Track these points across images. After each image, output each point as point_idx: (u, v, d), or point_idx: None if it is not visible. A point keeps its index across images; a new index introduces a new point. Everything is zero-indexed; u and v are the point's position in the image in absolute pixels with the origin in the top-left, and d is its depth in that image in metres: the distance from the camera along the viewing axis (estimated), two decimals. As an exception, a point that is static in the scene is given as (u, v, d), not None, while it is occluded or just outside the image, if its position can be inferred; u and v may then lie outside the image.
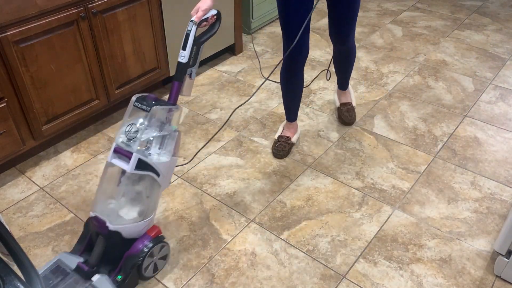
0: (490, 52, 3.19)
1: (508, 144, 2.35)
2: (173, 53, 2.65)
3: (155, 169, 1.54)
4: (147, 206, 1.61)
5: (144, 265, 1.62)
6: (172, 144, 1.58)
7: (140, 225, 1.59)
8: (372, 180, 2.13)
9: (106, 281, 1.53)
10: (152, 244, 1.62)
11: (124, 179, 1.57)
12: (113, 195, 1.60)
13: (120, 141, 1.55)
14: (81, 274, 1.56)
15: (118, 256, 1.61)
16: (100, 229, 1.57)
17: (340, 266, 1.74)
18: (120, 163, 1.53)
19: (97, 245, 1.59)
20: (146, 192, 1.60)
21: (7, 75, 1.92)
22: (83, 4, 2.06)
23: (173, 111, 1.58)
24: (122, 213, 1.59)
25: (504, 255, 1.64)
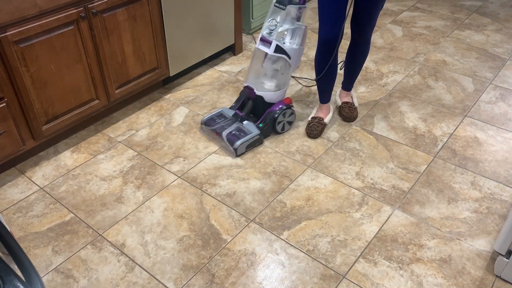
0: (490, 52, 3.19)
1: (508, 144, 2.35)
2: (173, 53, 2.65)
3: (287, 53, 2.20)
4: (281, 80, 2.32)
5: (278, 120, 2.33)
6: (300, 36, 2.21)
7: (277, 93, 2.32)
8: (372, 180, 2.13)
9: (252, 124, 2.33)
10: (285, 107, 2.33)
11: (266, 60, 2.27)
12: (259, 71, 2.33)
13: (265, 32, 2.22)
14: (237, 117, 2.38)
15: (262, 112, 2.35)
16: (250, 94, 2.34)
17: (340, 266, 1.74)
18: (264, 48, 2.22)
19: (248, 104, 2.37)
20: (281, 70, 2.29)
21: (7, 75, 1.92)
22: (83, 4, 2.06)
23: (302, 9, 2.17)
24: (265, 84, 2.33)
25: (504, 255, 1.64)
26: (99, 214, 1.96)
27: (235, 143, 2.21)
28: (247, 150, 2.27)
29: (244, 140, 2.22)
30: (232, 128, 2.29)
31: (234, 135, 2.25)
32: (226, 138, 2.25)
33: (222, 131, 2.28)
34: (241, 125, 2.31)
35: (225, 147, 2.27)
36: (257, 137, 2.28)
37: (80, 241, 1.85)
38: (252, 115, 2.41)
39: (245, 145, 2.24)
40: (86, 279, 1.70)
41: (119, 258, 1.78)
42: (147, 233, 1.88)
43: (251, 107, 2.36)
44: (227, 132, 2.26)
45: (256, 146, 2.30)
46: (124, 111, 2.61)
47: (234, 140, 2.23)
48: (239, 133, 2.26)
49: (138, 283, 1.68)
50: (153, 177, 2.15)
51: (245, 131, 2.28)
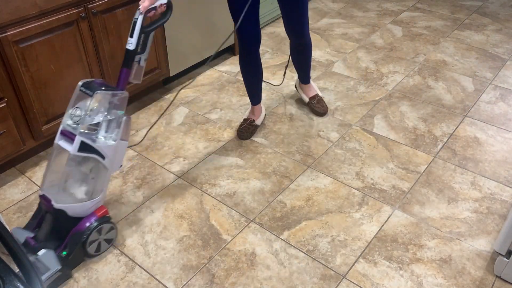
0: (490, 52, 3.19)
1: (508, 144, 2.35)
2: (173, 53, 2.65)
3: (99, 152, 1.62)
4: (93, 187, 1.68)
5: (89, 242, 1.70)
6: (120, 128, 1.66)
7: (86, 204, 1.68)
8: (372, 180, 2.13)
9: (51, 255, 1.64)
10: (98, 223, 1.70)
11: (68, 160, 1.63)
12: (60, 175, 1.67)
13: (67, 124, 1.62)
14: (28, 248, 1.65)
15: (65, 233, 1.69)
16: (47, 207, 1.65)
17: (340, 266, 1.74)
18: (65, 145, 1.61)
19: (45, 222, 1.68)
20: (92, 173, 1.67)
21: (7, 75, 1.92)
22: (83, 4, 2.06)
23: (118, 96, 1.64)
24: (68, 192, 1.67)
25: (504, 255, 1.64)
26: (99, 214, 1.96)
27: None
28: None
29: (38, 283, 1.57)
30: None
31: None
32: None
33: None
34: (35, 258, 1.63)
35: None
36: (59, 273, 1.63)
37: (80, 241, 1.84)
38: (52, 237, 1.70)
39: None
40: (86, 279, 1.70)
41: (119, 258, 1.78)
42: (147, 233, 1.88)
43: (49, 226, 1.68)
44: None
45: (60, 284, 1.68)
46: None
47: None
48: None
49: (138, 283, 1.68)
50: (153, 177, 2.15)
51: (40, 268, 1.62)
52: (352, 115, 2.56)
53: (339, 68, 3.02)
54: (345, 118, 2.54)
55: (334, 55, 3.17)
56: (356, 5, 3.97)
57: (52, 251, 1.66)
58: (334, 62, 3.08)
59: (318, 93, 2.62)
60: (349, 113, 2.58)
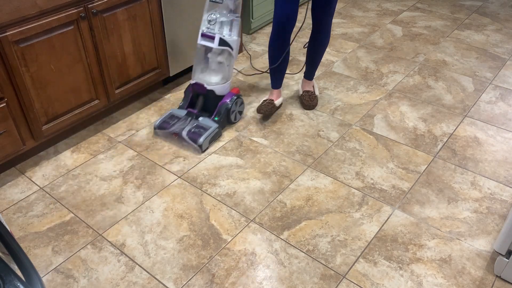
0: (490, 52, 3.19)
1: (508, 144, 2.35)
2: (173, 53, 2.65)
3: (230, 45, 2.30)
4: (227, 72, 2.38)
5: (232, 110, 2.40)
6: (238, 27, 2.31)
7: (225, 85, 2.39)
8: (372, 180, 2.13)
9: (208, 119, 2.36)
10: (236, 96, 2.41)
11: (211, 54, 2.33)
12: (205, 66, 2.39)
13: (204, 28, 2.31)
14: (191, 115, 2.39)
15: (214, 106, 2.41)
16: (201, 90, 2.37)
17: (340, 266, 1.74)
18: (207, 43, 2.30)
19: (199, 100, 2.41)
20: (226, 62, 2.36)
21: (7, 75, 1.92)
22: (83, 4, 2.06)
23: (238, 1, 2.25)
24: (213, 78, 2.38)
25: (504, 255, 1.64)
26: (99, 214, 1.96)
27: (198, 140, 2.24)
28: (210, 144, 2.32)
29: (206, 135, 2.26)
30: (190, 126, 2.31)
31: (194, 133, 2.28)
32: (188, 137, 2.27)
33: (180, 132, 2.30)
34: (198, 121, 2.35)
35: (188, 146, 2.30)
36: (217, 130, 2.33)
37: (80, 241, 1.85)
38: (203, 110, 2.44)
39: (208, 140, 2.28)
40: (86, 279, 1.70)
41: (119, 258, 1.78)
42: (147, 233, 1.88)
43: (202, 103, 2.40)
44: (187, 131, 2.29)
45: (217, 139, 2.36)
46: (124, 111, 2.61)
47: (196, 137, 2.26)
48: (198, 130, 2.29)
49: (138, 283, 1.68)
50: (153, 177, 2.15)
51: (203, 126, 2.32)
52: (352, 115, 2.56)
53: (339, 68, 3.02)
54: (345, 118, 2.54)
55: (334, 55, 3.17)
56: (356, 5, 3.97)
57: (207, 117, 2.38)
58: (334, 62, 3.08)
59: (315, 91, 2.67)
60: (349, 113, 2.58)
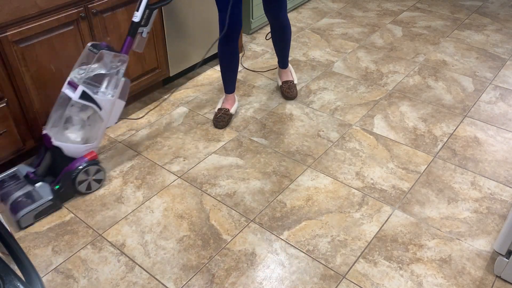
0: (490, 52, 3.19)
1: (508, 144, 2.35)
2: (173, 53, 2.65)
3: (97, 103, 1.91)
4: (88, 133, 1.99)
5: (78, 181, 1.98)
6: (117, 87, 1.96)
7: (80, 147, 1.98)
8: (372, 180, 2.13)
9: (46, 187, 1.96)
10: (86, 164, 1.98)
11: (70, 106, 1.93)
12: (62, 118, 1.96)
13: (74, 76, 1.93)
14: (28, 180, 1.98)
15: (60, 170, 1.97)
16: (47, 144, 1.96)
17: (340, 266, 1.74)
18: (69, 92, 1.90)
19: (45, 159, 1.99)
20: (88, 121, 1.98)
21: (7, 75, 1.92)
22: (83, 4, 2.06)
23: (119, 57, 1.94)
24: (67, 134, 1.98)
25: (504, 255, 1.64)
26: (99, 214, 1.96)
27: (18, 214, 1.85)
28: (37, 220, 1.92)
29: (29, 209, 1.86)
30: (20, 192, 1.92)
31: (19, 202, 1.88)
32: (10, 206, 1.88)
33: (8, 197, 1.91)
34: (33, 188, 1.94)
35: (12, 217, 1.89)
36: (50, 203, 1.92)
37: (80, 241, 1.85)
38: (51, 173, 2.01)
39: (32, 215, 1.88)
40: (86, 279, 1.70)
41: (119, 258, 1.78)
42: (147, 233, 1.88)
43: (48, 163, 1.99)
44: (13, 199, 1.89)
45: (51, 212, 1.95)
46: (124, 111, 2.61)
47: (17, 210, 1.86)
48: (26, 199, 1.89)
49: (138, 283, 1.68)
50: (153, 177, 2.15)
51: (33, 196, 1.91)
52: (352, 115, 2.56)
53: (339, 68, 3.02)
54: (345, 118, 2.54)
55: (334, 55, 3.17)
56: (356, 5, 3.97)
57: (47, 184, 1.97)
58: (334, 62, 3.08)
59: (293, 79, 2.72)
60: (349, 113, 2.58)
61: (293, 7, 3.84)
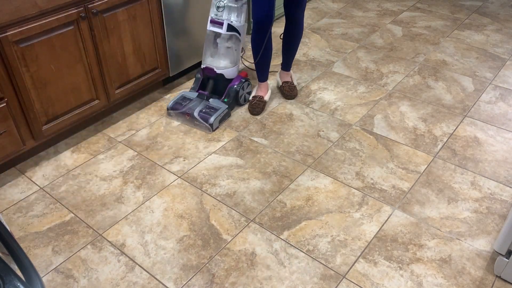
0: (490, 52, 3.19)
1: (508, 144, 2.35)
2: (173, 53, 2.65)
3: (238, 30, 2.41)
4: (235, 57, 2.50)
5: (240, 94, 2.56)
6: (245, 13, 2.40)
7: (234, 69, 2.52)
8: (372, 180, 2.13)
9: (218, 100, 2.52)
10: (244, 79, 2.57)
11: (220, 39, 2.45)
12: (214, 51, 2.51)
13: (213, 15, 2.40)
14: (202, 97, 2.54)
15: (223, 89, 2.56)
16: (211, 73, 2.51)
17: (340, 266, 1.74)
18: (216, 29, 2.40)
19: (209, 84, 2.55)
20: (234, 46, 2.47)
21: (7, 75, 1.92)
22: (83, 4, 2.06)
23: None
24: (222, 62, 2.51)
25: (504, 255, 1.64)
26: (99, 214, 1.96)
27: (209, 120, 2.39)
28: (220, 124, 2.47)
29: (216, 115, 2.41)
30: (201, 107, 2.45)
31: (205, 113, 2.42)
32: (199, 116, 2.41)
33: (192, 112, 2.43)
34: (208, 103, 2.49)
35: (199, 125, 2.42)
36: (226, 110, 2.48)
37: (80, 241, 1.85)
38: (214, 93, 2.58)
39: (218, 120, 2.43)
40: (86, 279, 1.70)
41: (119, 258, 1.78)
42: (147, 233, 1.88)
43: (212, 86, 2.54)
44: (198, 111, 2.43)
45: (226, 119, 2.51)
46: (124, 111, 2.61)
47: (207, 117, 2.40)
48: (209, 110, 2.44)
49: (138, 283, 1.69)
50: (153, 177, 2.15)
51: (214, 107, 2.46)
52: (352, 115, 2.56)
53: (339, 68, 3.02)
54: (345, 118, 2.54)
55: (334, 55, 3.17)
56: (356, 5, 3.97)
57: (217, 99, 2.53)
58: (334, 62, 3.08)
59: (294, 82, 2.77)
60: (349, 113, 2.58)
61: (293, 7, 3.83)
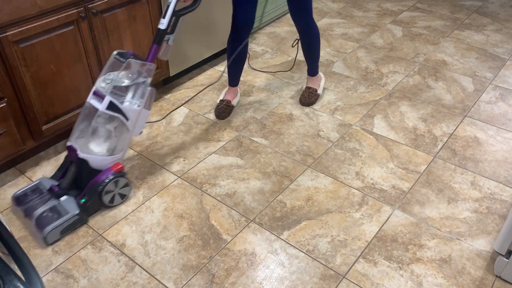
0: (490, 52, 3.19)
1: (508, 144, 2.35)
2: (173, 53, 2.65)
3: (124, 113, 1.84)
4: (114, 144, 1.92)
5: (105, 193, 1.91)
6: (144, 96, 1.88)
7: (107, 159, 1.90)
8: (372, 180, 2.13)
9: (72, 201, 1.88)
10: (113, 176, 1.90)
11: (98, 117, 1.85)
12: (87, 129, 1.90)
13: (100, 86, 1.85)
14: (53, 194, 1.90)
15: (85, 183, 1.90)
16: (72, 156, 1.88)
17: (340, 266, 1.74)
18: (95, 103, 1.83)
19: (69, 171, 1.91)
20: (115, 132, 1.90)
21: (7, 75, 1.92)
22: (83, 4, 2.06)
23: (146, 66, 1.87)
24: (92, 146, 1.90)
25: (504, 255, 1.64)
26: (99, 214, 1.96)
27: (44, 230, 1.77)
28: (63, 235, 1.85)
29: (56, 224, 1.79)
30: (45, 206, 1.85)
31: (45, 217, 1.81)
32: (35, 222, 1.80)
33: (32, 212, 1.84)
34: (58, 202, 1.87)
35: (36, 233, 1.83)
36: (76, 218, 1.84)
37: (80, 241, 1.85)
38: (75, 186, 1.94)
39: (59, 230, 1.81)
40: (86, 279, 1.70)
41: (119, 258, 1.78)
42: (147, 233, 1.88)
43: (73, 175, 1.91)
44: (38, 214, 1.82)
45: (77, 227, 1.89)
46: (124, 111, 2.61)
47: (43, 225, 1.78)
48: (52, 214, 1.82)
49: (138, 283, 1.69)
50: (153, 177, 2.15)
51: (59, 211, 1.84)
52: (352, 115, 2.56)
53: (339, 68, 3.02)
54: (345, 118, 2.54)
55: (334, 55, 3.17)
56: (356, 5, 3.97)
57: (72, 198, 1.90)
58: (334, 62, 3.08)
59: (318, 89, 2.68)
60: (349, 113, 2.58)
61: (293, 7, 3.84)
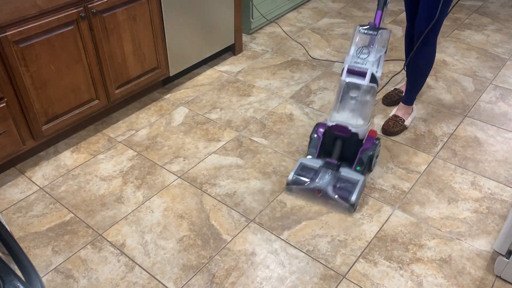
0: (490, 52, 3.19)
1: (508, 144, 2.35)
2: (173, 53, 2.65)
3: (377, 81, 1.96)
4: (370, 112, 2.03)
5: (375, 158, 2.10)
6: (381, 62, 1.99)
7: (367, 128, 2.03)
8: (372, 180, 2.13)
9: (350, 170, 2.01)
10: (378, 141, 2.09)
11: (358, 93, 1.98)
12: (347, 106, 2.03)
13: (352, 62, 1.96)
14: (331, 166, 2.00)
15: (353, 153, 2.04)
16: (343, 133, 2.00)
17: (340, 266, 1.74)
18: (357, 80, 1.94)
19: (336, 147, 2.04)
20: (371, 100, 2.00)
21: (7, 75, 1.92)
22: (83, 4, 2.06)
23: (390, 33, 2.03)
24: (356, 119, 2.02)
25: (504, 255, 1.64)
26: (99, 214, 1.96)
27: (350, 198, 1.92)
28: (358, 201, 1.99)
29: (357, 191, 1.93)
30: (332, 180, 1.97)
31: (342, 188, 1.95)
32: (336, 194, 1.95)
33: (325, 188, 1.96)
34: (340, 174, 1.99)
35: (334, 203, 2.00)
36: (364, 183, 2.01)
37: (80, 241, 1.85)
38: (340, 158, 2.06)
39: (359, 196, 1.98)
40: (86, 279, 1.70)
41: (119, 258, 1.78)
42: (147, 233, 1.88)
43: (340, 150, 2.03)
44: (332, 188, 1.96)
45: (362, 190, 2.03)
46: (124, 111, 2.61)
47: (346, 195, 1.93)
48: (345, 184, 1.96)
49: (138, 283, 1.69)
50: (153, 177, 2.15)
51: (350, 180, 1.97)
52: (352, 115, 2.56)
53: (339, 68, 3.02)
54: (345, 118, 2.54)
55: (334, 55, 3.17)
56: (356, 5, 3.97)
57: (348, 168, 2.03)
58: (334, 62, 3.08)
59: (406, 121, 2.42)
60: (349, 113, 2.58)
61: (293, 7, 3.84)
